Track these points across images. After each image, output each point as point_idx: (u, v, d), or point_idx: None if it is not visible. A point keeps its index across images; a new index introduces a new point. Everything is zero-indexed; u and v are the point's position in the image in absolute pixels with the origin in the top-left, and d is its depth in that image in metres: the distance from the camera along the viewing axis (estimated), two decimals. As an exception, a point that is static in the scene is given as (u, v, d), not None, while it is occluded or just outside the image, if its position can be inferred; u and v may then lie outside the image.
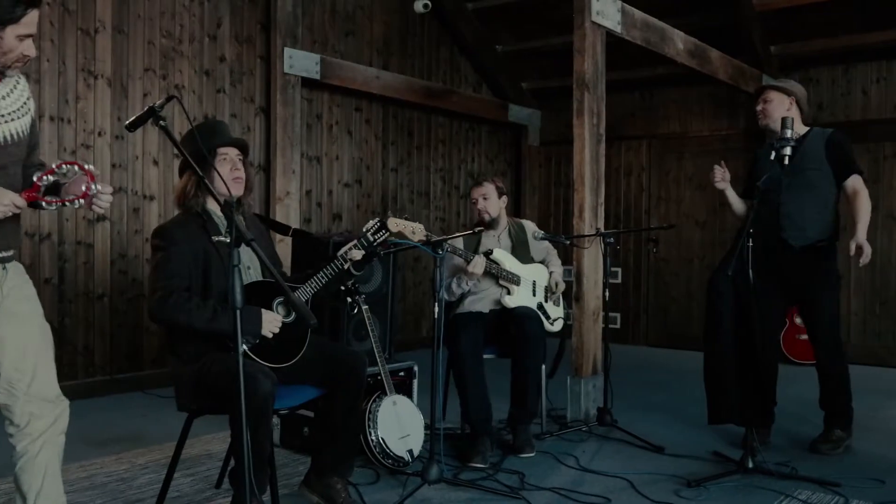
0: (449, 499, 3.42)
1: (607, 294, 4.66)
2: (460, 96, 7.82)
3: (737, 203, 4.39)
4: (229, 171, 3.02)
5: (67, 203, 2.26)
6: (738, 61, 6.56)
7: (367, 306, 3.84)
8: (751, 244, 3.68)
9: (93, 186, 2.24)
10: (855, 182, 4.15)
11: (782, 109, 4.23)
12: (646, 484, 3.62)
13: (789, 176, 4.08)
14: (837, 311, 4.25)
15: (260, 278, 3.14)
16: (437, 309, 3.36)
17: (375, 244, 3.24)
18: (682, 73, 6.50)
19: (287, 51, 6.04)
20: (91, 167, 2.26)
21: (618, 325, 8.22)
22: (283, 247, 5.38)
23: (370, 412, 3.69)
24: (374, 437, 3.65)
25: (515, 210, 8.77)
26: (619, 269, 8.24)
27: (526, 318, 4.22)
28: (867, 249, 3.97)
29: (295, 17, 6.15)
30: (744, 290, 3.68)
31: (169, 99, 2.41)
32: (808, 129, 4.28)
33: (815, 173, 4.14)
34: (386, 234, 3.30)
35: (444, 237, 3.47)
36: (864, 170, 4.31)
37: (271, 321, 2.93)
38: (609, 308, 8.19)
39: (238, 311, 2.21)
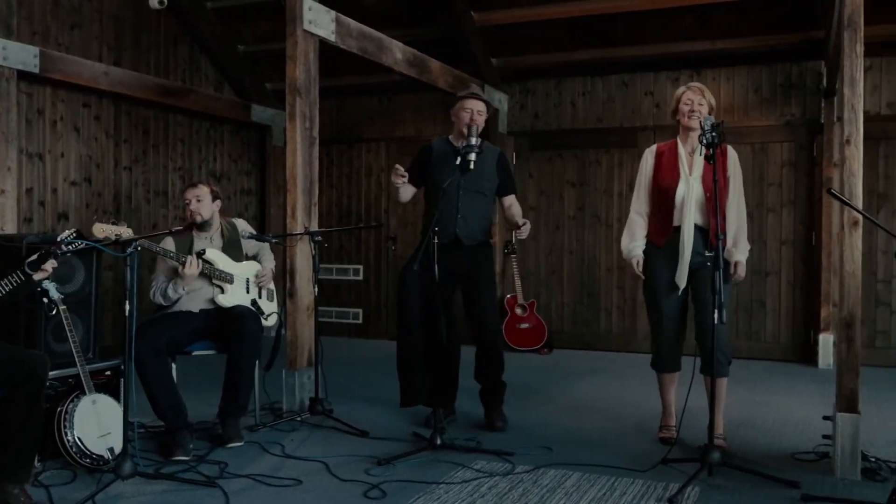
0: (144, 492, 3.49)
1: (316, 290, 4.88)
2: (200, 95, 7.76)
3: (405, 193, 4.66)
4: None
5: None
6: (459, 72, 7.05)
7: (65, 307, 3.82)
8: (436, 241, 4.07)
9: None
10: (514, 199, 4.78)
11: (484, 123, 4.66)
12: (340, 465, 3.88)
13: (467, 181, 4.51)
14: (496, 297, 4.83)
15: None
16: (127, 307, 3.41)
17: (69, 253, 3.26)
18: (416, 79, 6.86)
19: (0, 41, 5.75)
20: None
21: (360, 321, 8.55)
22: None
23: (66, 412, 3.68)
24: (70, 438, 3.64)
25: (261, 210, 8.86)
26: (361, 267, 8.57)
27: (244, 317, 4.37)
28: (528, 227, 4.57)
29: (8, 5, 5.88)
30: (429, 283, 4.05)
31: None
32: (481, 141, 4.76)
33: (487, 184, 4.65)
34: (82, 245, 3.33)
35: (135, 237, 3.53)
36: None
37: None
38: (351, 304, 8.56)
39: None
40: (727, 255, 4.06)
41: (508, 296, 7.60)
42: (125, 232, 3.80)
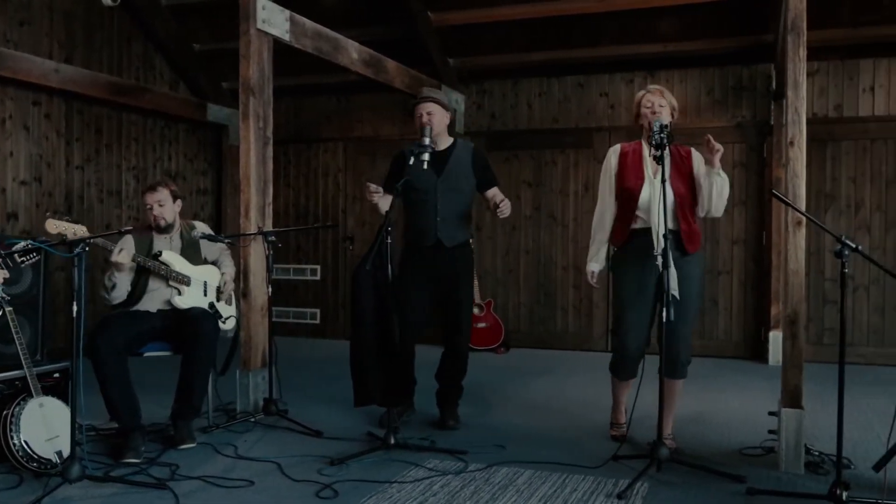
0: (92, 495, 3.45)
1: (271, 290, 4.87)
2: (154, 94, 7.67)
3: (385, 205, 4.74)
4: None
5: None
6: (415, 72, 7.07)
7: (11, 308, 3.76)
8: (389, 241, 4.07)
9: None
10: (496, 191, 4.70)
11: (444, 124, 4.65)
12: (293, 466, 3.88)
13: (444, 183, 4.53)
14: (473, 303, 4.81)
15: None
16: (75, 308, 3.37)
17: (24, 265, 3.23)
18: (374, 79, 6.86)
19: (-54, 38, 5.64)
20: None
21: (317, 321, 8.52)
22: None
23: (12, 416, 3.63)
24: (16, 441, 3.59)
25: (217, 209, 8.79)
26: (318, 267, 8.54)
27: (201, 319, 4.34)
28: (508, 204, 4.50)
29: (-45, 2, 5.76)
30: (383, 282, 4.06)
31: None
32: (452, 139, 4.73)
33: (465, 182, 4.63)
34: (36, 258, 3.29)
35: (84, 237, 3.49)
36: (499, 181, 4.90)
37: None
38: (308, 304, 8.52)
39: None
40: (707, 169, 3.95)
41: (466, 295, 7.63)
42: (79, 230, 3.77)
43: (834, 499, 3.23)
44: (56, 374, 4.09)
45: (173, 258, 4.44)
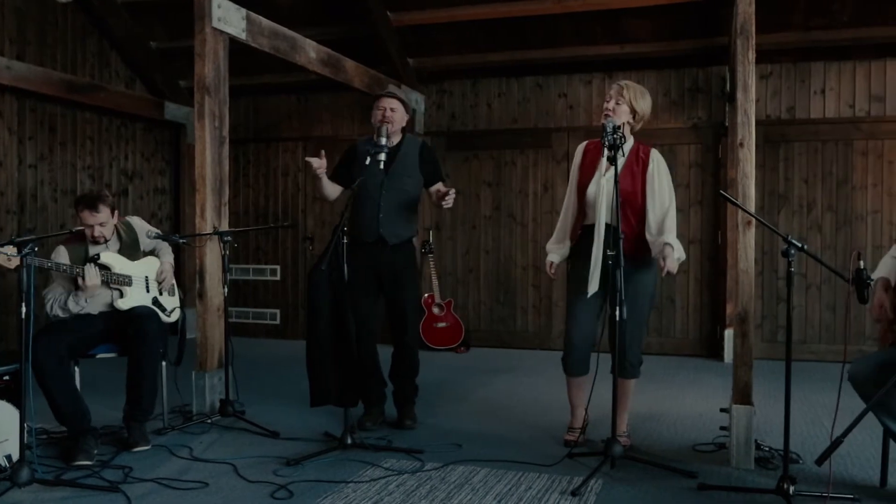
0: (42, 499, 3.40)
1: (227, 290, 4.83)
2: (110, 92, 7.56)
3: (329, 189, 4.68)
4: None
5: None
6: (375, 72, 7.06)
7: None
8: (345, 241, 4.07)
9: None
10: (440, 185, 4.69)
11: (402, 123, 4.65)
12: (249, 467, 3.86)
13: (389, 179, 4.53)
14: (419, 300, 4.80)
15: None
16: (24, 310, 3.33)
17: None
18: (333, 79, 6.82)
19: None
20: None
21: (277, 321, 8.46)
22: None
23: (-40, 419, 3.57)
24: (-36, 445, 3.53)
25: (175, 209, 8.69)
26: (278, 267, 8.48)
27: (144, 318, 4.28)
28: (453, 194, 4.43)
29: None
30: (338, 283, 4.05)
31: None
32: (402, 135, 4.73)
33: (410, 179, 4.62)
34: None
35: (31, 238, 3.44)
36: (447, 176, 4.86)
37: None
38: (268, 304, 8.47)
39: None
40: (654, 247, 3.96)
41: (426, 295, 7.62)
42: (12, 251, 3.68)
43: (781, 493, 3.30)
44: (6, 377, 4.00)
45: (113, 259, 4.34)
